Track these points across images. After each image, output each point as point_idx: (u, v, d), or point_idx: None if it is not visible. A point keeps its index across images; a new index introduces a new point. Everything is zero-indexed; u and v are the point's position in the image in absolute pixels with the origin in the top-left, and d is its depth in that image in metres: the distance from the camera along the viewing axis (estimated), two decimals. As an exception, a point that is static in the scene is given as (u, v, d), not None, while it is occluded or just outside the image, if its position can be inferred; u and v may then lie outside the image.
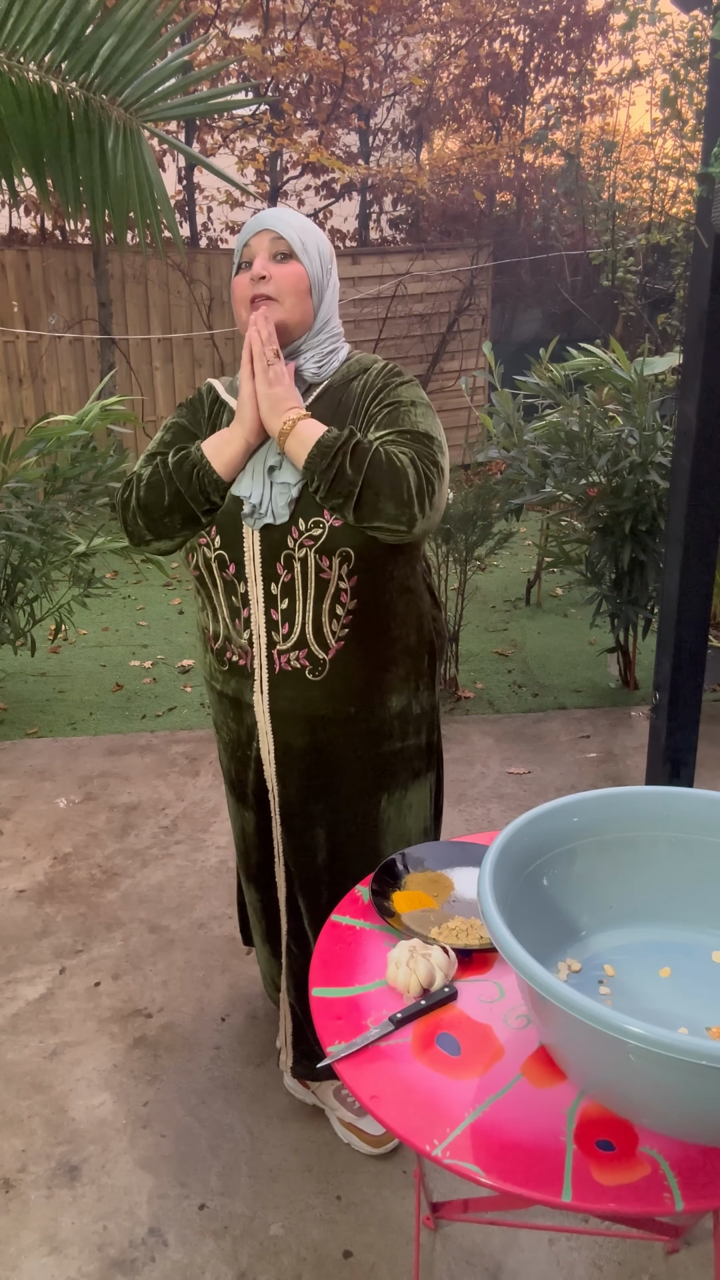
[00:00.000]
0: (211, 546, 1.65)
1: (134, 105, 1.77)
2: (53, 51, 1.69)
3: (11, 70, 1.67)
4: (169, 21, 1.68)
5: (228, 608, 1.68)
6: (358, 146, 8.11)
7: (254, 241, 1.62)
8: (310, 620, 1.62)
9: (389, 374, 1.67)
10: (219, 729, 1.84)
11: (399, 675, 1.71)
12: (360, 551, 1.58)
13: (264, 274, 1.60)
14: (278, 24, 7.35)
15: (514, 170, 8.12)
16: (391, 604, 1.67)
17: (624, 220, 7.16)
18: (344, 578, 1.59)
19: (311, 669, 1.64)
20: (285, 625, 1.62)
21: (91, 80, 1.73)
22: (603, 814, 1.27)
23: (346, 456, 1.50)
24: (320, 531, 1.56)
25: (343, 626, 1.63)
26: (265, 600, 1.62)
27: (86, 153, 1.79)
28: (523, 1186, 0.97)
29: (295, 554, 1.58)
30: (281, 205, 1.80)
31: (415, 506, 1.50)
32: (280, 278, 1.60)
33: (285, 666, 1.65)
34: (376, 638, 1.66)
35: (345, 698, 1.67)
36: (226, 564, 1.64)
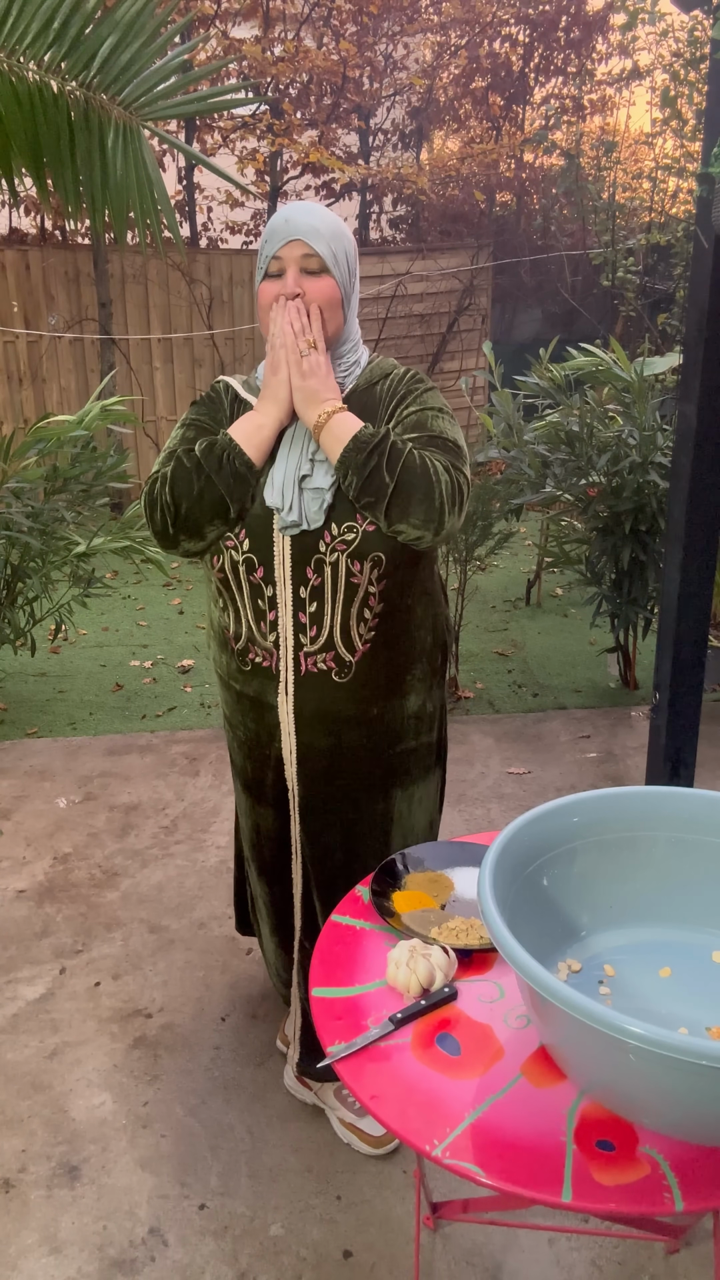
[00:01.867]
0: (240, 549, 1.63)
1: (134, 104, 1.77)
2: (52, 51, 1.69)
3: (11, 70, 1.67)
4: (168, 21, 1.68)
5: (253, 610, 1.66)
6: (358, 146, 8.11)
7: (284, 252, 1.57)
8: (339, 624, 1.62)
9: (413, 380, 1.68)
10: (234, 727, 1.83)
11: (417, 676, 1.74)
12: (391, 556, 1.59)
13: (298, 291, 1.57)
14: (278, 24, 7.35)
15: (514, 170, 8.13)
16: (413, 607, 1.69)
17: (624, 220, 7.16)
18: (373, 582, 1.60)
19: (338, 671, 1.64)
20: (313, 628, 1.62)
21: (91, 79, 1.73)
22: (603, 814, 1.27)
23: (383, 456, 1.50)
24: (354, 536, 1.57)
25: (369, 630, 1.64)
26: (294, 604, 1.61)
27: (86, 152, 1.79)
28: (523, 1186, 0.97)
29: (327, 559, 1.58)
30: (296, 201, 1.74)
31: (445, 513, 1.51)
32: (314, 294, 1.58)
33: (311, 669, 1.65)
34: (399, 640, 1.68)
35: (369, 699, 1.68)
36: (255, 567, 1.62)
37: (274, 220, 1.60)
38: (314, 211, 1.61)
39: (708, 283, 2.39)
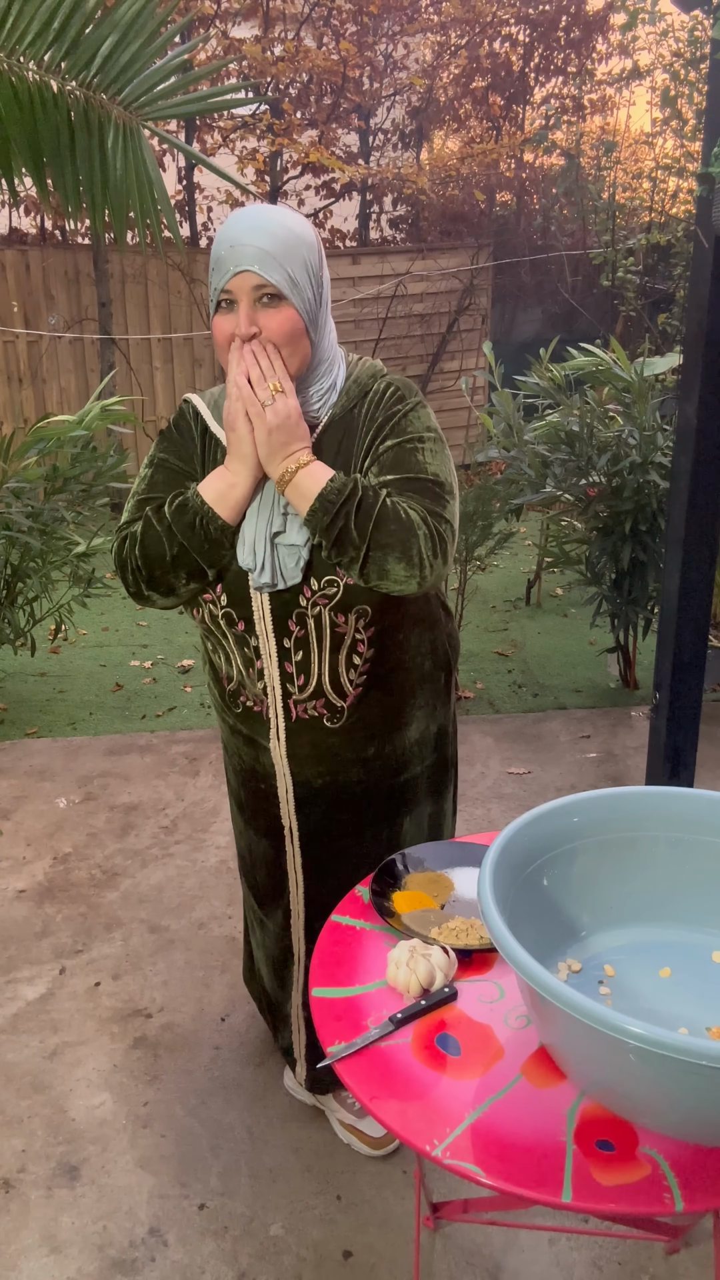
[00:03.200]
0: (218, 604, 1.55)
1: (134, 104, 1.77)
2: (52, 50, 1.69)
3: (11, 69, 1.67)
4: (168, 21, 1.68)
5: (241, 657, 1.59)
6: (358, 146, 8.11)
7: (234, 284, 1.40)
8: (327, 672, 1.55)
9: (392, 400, 1.50)
10: (230, 754, 1.77)
11: (418, 705, 1.67)
12: (377, 606, 1.50)
13: (253, 330, 1.41)
14: (278, 24, 7.35)
15: (514, 170, 8.13)
16: (407, 640, 1.61)
17: (624, 220, 7.16)
18: (360, 630, 1.52)
19: (329, 717, 1.58)
20: (300, 677, 1.55)
21: (91, 79, 1.73)
22: (603, 814, 1.27)
23: (351, 515, 1.38)
24: (335, 590, 1.47)
25: (360, 675, 1.57)
26: (279, 654, 1.54)
27: (86, 152, 1.79)
28: (523, 1187, 0.97)
29: (309, 612, 1.49)
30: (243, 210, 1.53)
31: (425, 566, 1.39)
32: (271, 329, 1.41)
33: (302, 715, 1.59)
34: (393, 677, 1.61)
35: (365, 740, 1.62)
36: (235, 620, 1.55)
37: (218, 245, 1.41)
38: (262, 228, 1.40)
39: (708, 283, 2.39)
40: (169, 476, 1.56)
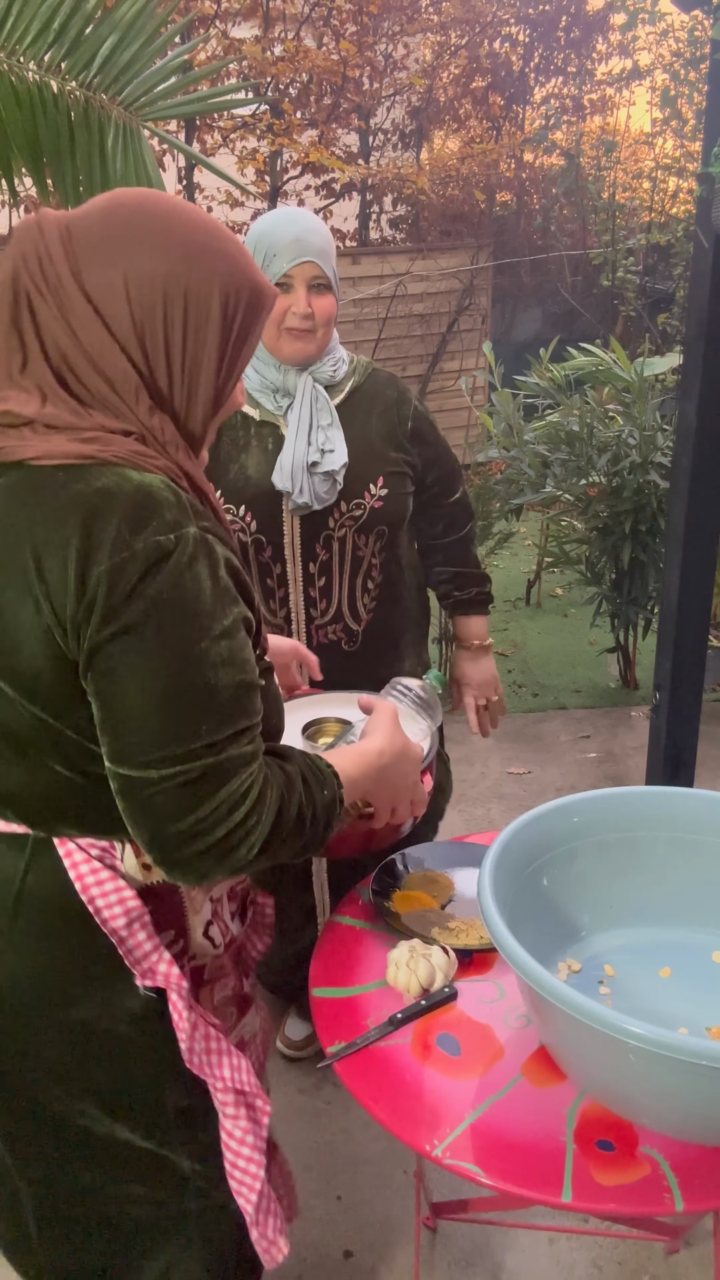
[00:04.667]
0: (248, 531, 1.69)
1: (134, 104, 1.77)
2: (52, 51, 1.69)
3: (11, 70, 1.67)
4: (168, 21, 1.68)
5: (261, 590, 1.74)
6: (358, 146, 8.12)
7: (295, 270, 1.62)
8: (346, 595, 1.75)
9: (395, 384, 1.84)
10: None
11: (409, 640, 1.89)
12: (392, 528, 1.75)
13: (310, 311, 1.64)
14: (278, 24, 7.35)
15: (514, 170, 8.13)
16: (403, 575, 1.84)
17: (624, 220, 7.16)
18: (375, 554, 1.75)
19: (347, 640, 1.78)
20: (323, 602, 1.75)
21: (91, 79, 1.73)
22: (603, 814, 1.27)
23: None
24: (361, 512, 1.71)
25: (372, 599, 1.78)
26: (304, 580, 1.72)
27: (86, 152, 1.79)
28: (523, 1187, 0.97)
29: (335, 534, 1.70)
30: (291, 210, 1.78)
31: None
32: (319, 311, 1.66)
33: (323, 640, 1.76)
34: (394, 607, 1.82)
35: (375, 663, 1.78)
36: (264, 546, 1.71)
37: (277, 235, 1.62)
38: (317, 229, 1.67)
39: (708, 283, 2.39)
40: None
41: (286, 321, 1.66)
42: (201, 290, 0.97)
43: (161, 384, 0.98)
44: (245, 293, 1.00)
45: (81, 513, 0.91)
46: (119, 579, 0.90)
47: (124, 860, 1.05)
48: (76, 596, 0.91)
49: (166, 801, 0.92)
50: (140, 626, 0.90)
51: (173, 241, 0.96)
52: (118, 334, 0.95)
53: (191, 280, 0.96)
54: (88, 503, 0.91)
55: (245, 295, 1.00)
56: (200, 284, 0.97)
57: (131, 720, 0.92)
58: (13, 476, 0.95)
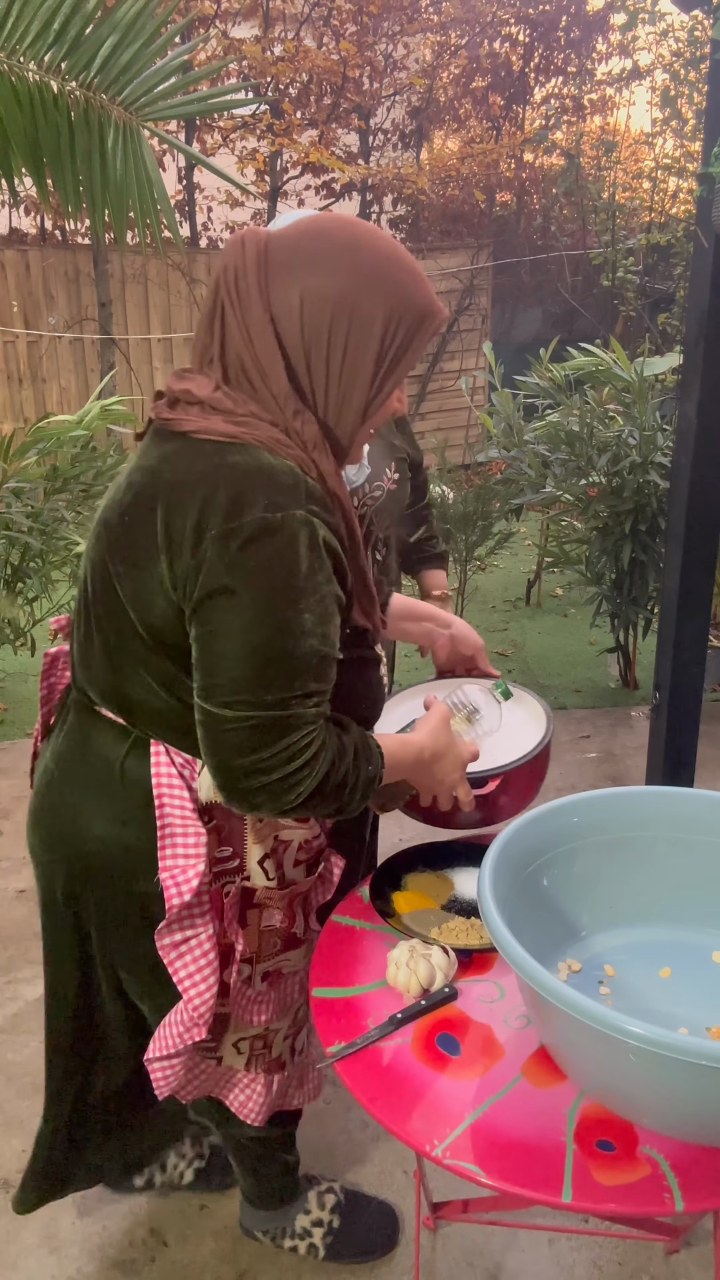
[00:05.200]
0: None
1: (134, 104, 1.77)
2: (53, 51, 1.69)
3: (12, 70, 1.67)
4: (168, 21, 1.68)
5: None
6: (358, 146, 8.11)
7: None
8: None
9: None
10: None
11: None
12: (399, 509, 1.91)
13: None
14: (278, 24, 7.35)
15: (514, 170, 8.13)
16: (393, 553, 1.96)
17: (624, 220, 7.16)
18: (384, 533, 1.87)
19: None
20: None
21: (91, 80, 1.73)
22: (603, 814, 1.27)
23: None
24: (380, 494, 1.82)
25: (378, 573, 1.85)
26: None
27: (86, 152, 1.79)
28: (523, 1187, 0.97)
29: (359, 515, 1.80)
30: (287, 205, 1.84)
31: None
32: None
33: None
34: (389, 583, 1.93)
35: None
36: None
37: None
38: None
39: (708, 283, 2.39)
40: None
41: None
42: (367, 311, 1.09)
43: (317, 391, 1.12)
44: (410, 316, 1.11)
45: (211, 482, 1.07)
46: (226, 545, 1.04)
47: (200, 776, 1.21)
48: (190, 554, 1.06)
49: (235, 739, 1.08)
50: (238, 590, 1.05)
51: (350, 264, 1.09)
52: (286, 346, 1.10)
53: (360, 301, 1.08)
54: (219, 474, 1.07)
55: (409, 319, 1.11)
56: (367, 305, 1.09)
57: (219, 666, 1.07)
58: (175, 444, 1.12)
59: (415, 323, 1.11)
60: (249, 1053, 1.39)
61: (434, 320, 1.13)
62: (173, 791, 1.20)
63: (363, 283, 1.08)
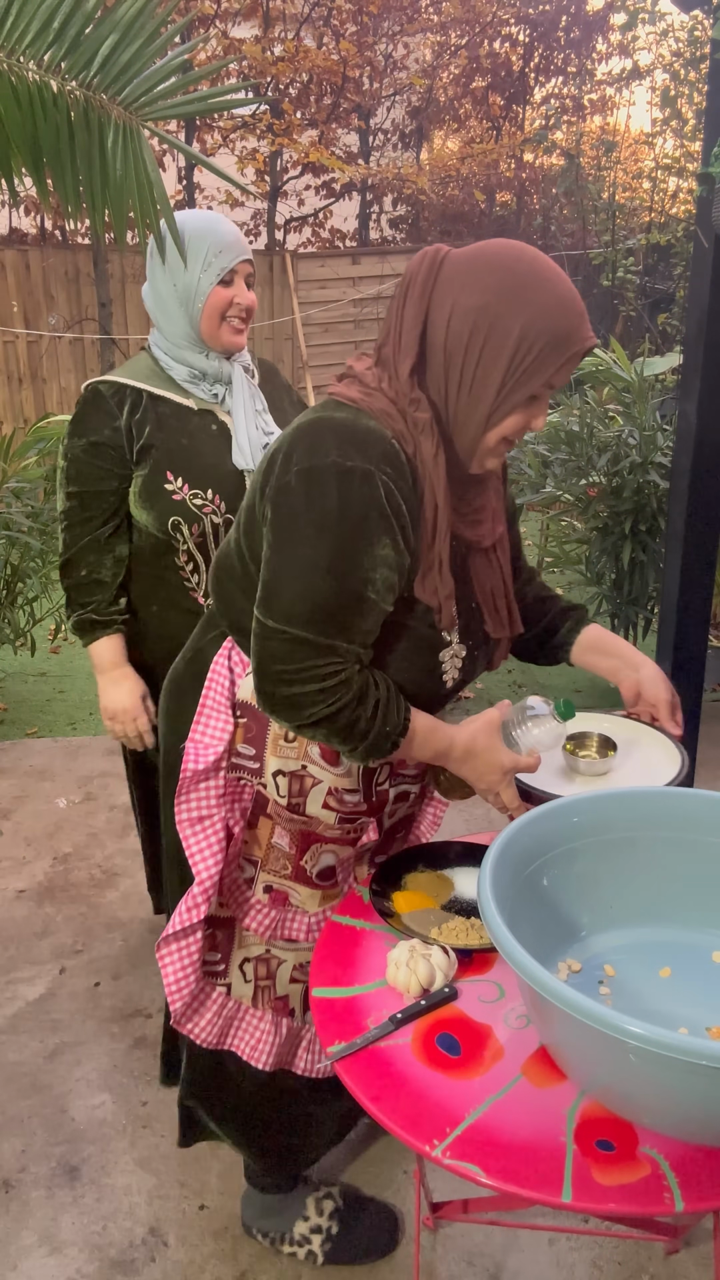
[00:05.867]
0: (219, 512, 1.87)
1: (134, 104, 1.76)
2: (52, 50, 1.69)
3: (11, 69, 1.67)
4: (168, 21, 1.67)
5: None
6: (358, 146, 8.12)
7: (239, 266, 1.83)
8: None
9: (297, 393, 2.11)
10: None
11: None
12: None
13: (251, 303, 1.87)
14: (278, 24, 7.35)
15: (514, 170, 8.13)
16: None
17: (624, 220, 7.16)
18: None
19: None
20: None
21: (91, 79, 1.73)
22: (603, 814, 1.27)
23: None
24: None
25: None
26: None
27: (86, 151, 1.79)
28: (523, 1186, 0.97)
29: None
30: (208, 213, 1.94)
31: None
32: (251, 304, 1.88)
33: None
34: None
35: None
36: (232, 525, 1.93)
37: (222, 229, 1.82)
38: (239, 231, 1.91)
39: (708, 283, 2.39)
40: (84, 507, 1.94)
41: (230, 312, 1.85)
42: (505, 325, 1.17)
43: (450, 395, 1.23)
44: (546, 335, 1.17)
45: (313, 426, 1.22)
46: (298, 482, 1.19)
47: (245, 678, 1.40)
48: (277, 480, 1.22)
49: (273, 646, 1.23)
50: (301, 521, 1.20)
51: (498, 283, 1.18)
52: (429, 350, 1.23)
53: (501, 315, 1.17)
54: (321, 422, 1.22)
55: (546, 336, 1.17)
56: (507, 320, 1.17)
57: (272, 582, 1.23)
58: (322, 402, 1.28)
59: (552, 342, 1.17)
60: (254, 981, 1.50)
61: (573, 344, 1.18)
62: (218, 678, 1.40)
63: (506, 300, 1.17)
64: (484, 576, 1.39)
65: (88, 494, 1.91)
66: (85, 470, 1.90)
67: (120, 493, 1.92)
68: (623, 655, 1.59)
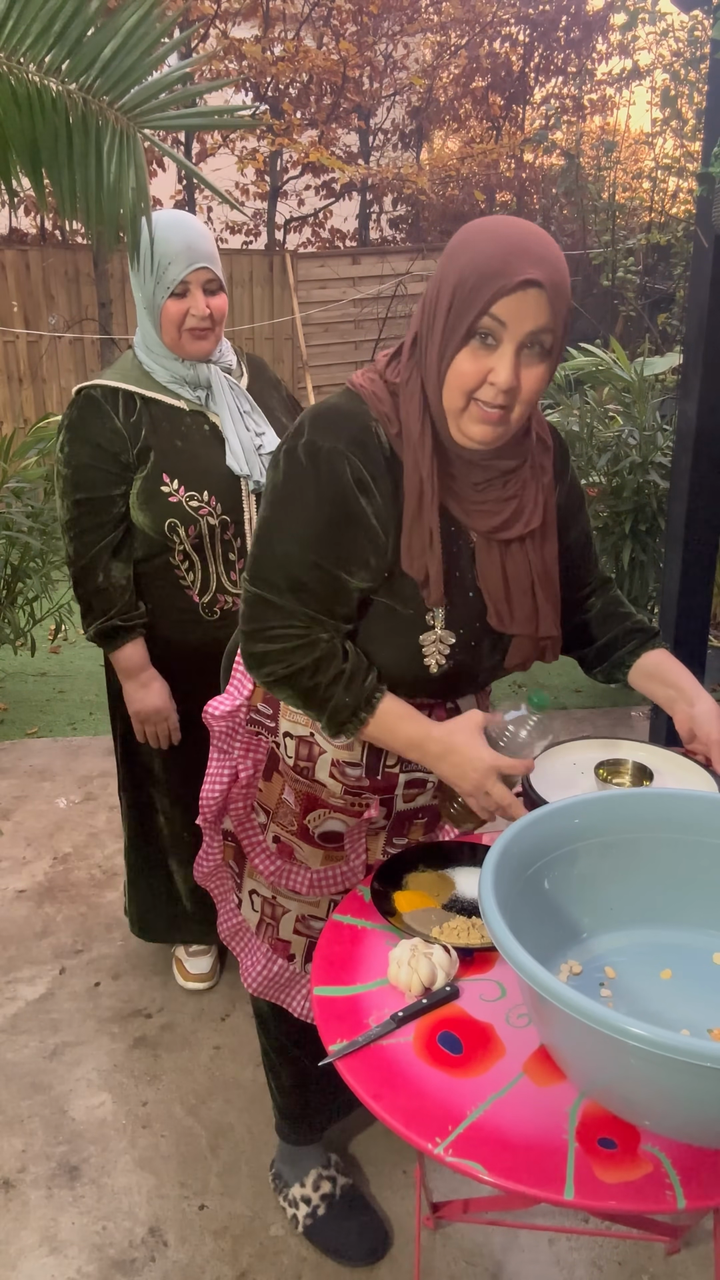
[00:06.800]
0: (215, 514, 1.91)
1: (133, 110, 1.76)
2: (53, 52, 1.69)
3: (11, 71, 1.67)
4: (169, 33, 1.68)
5: (224, 563, 1.96)
6: (358, 146, 8.12)
7: (191, 276, 1.82)
8: None
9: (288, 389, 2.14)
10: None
11: None
12: None
13: (209, 312, 1.85)
14: (278, 24, 7.35)
15: (514, 170, 8.14)
16: None
17: (624, 220, 7.17)
18: None
19: None
20: None
21: (91, 83, 1.72)
22: (604, 815, 1.27)
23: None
24: None
25: None
26: None
27: (83, 155, 1.79)
28: (525, 1184, 0.97)
29: None
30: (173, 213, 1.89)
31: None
32: (216, 310, 1.87)
33: None
34: None
35: None
36: (228, 526, 1.93)
37: (171, 239, 1.79)
38: (204, 234, 1.86)
39: (708, 283, 2.40)
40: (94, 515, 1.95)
41: (187, 323, 1.85)
42: (445, 278, 1.21)
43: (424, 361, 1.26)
44: (478, 272, 1.17)
45: (304, 412, 1.31)
46: (279, 458, 1.30)
47: None
48: (272, 459, 1.33)
49: (246, 604, 1.34)
50: (273, 494, 1.30)
51: (453, 243, 1.23)
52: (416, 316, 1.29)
53: (444, 272, 1.22)
54: (312, 408, 1.31)
55: (477, 274, 1.17)
56: (446, 274, 1.21)
57: (254, 546, 1.33)
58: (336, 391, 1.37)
59: (485, 275, 1.17)
60: (260, 915, 1.59)
61: (503, 276, 1.16)
62: None
63: (449, 257, 1.22)
64: (497, 568, 1.36)
65: (96, 500, 1.89)
66: (91, 476, 1.88)
67: (125, 496, 1.91)
68: (680, 687, 1.53)
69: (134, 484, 1.89)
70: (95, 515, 1.90)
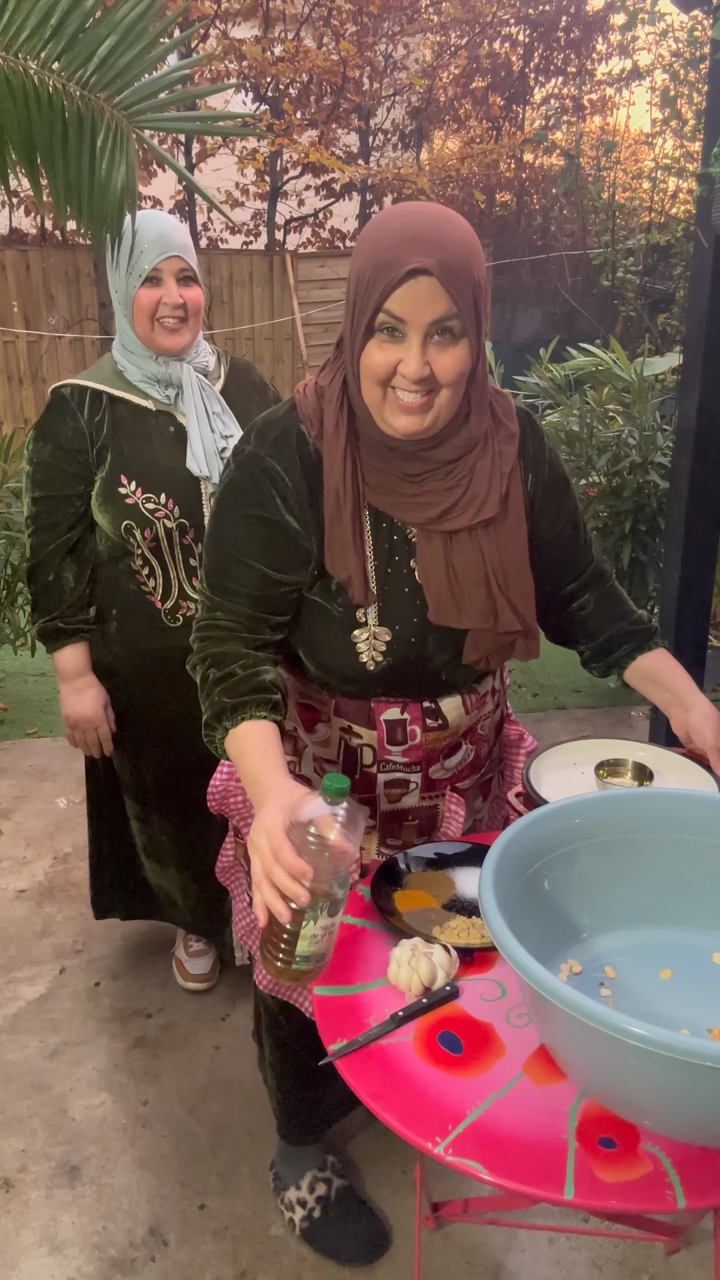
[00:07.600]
0: (172, 517, 1.87)
1: (129, 109, 1.76)
2: (49, 47, 1.68)
3: (7, 64, 1.67)
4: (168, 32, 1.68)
5: (184, 569, 1.92)
6: (358, 146, 8.12)
7: (163, 265, 1.80)
8: None
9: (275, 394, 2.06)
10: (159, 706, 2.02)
11: None
12: None
13: (181, 301, 1.82)
14: (278, 24, 7.35)
15: (514, 170, 8.14)
16: None
17: (624, 220, 7.16)
18: None
19: None
20: None
21: (88, 78, 1.72)
22: (604, 815, 1.27)
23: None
24: None
25: None
26: None
27: (78, 152, 1.78)
28: (525, 1183, 0.97)
29: None
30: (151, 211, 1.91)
31: None
32: (190, 302, 1.85)
33: None
34: None
35: None
36: (187, 530, 1.89)
37: (145, 228, 1.79)
38: (179, 227, 1.86)
39: (708, 283, 2.40)
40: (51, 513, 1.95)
41: (159, 313, 1.82)
42: (350, 273, 1.22)
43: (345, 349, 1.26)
44: (373, 263, 1.18)
45: None
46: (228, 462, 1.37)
47: None
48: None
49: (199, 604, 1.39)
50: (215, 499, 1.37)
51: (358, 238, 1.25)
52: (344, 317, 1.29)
53: (351, 267, 1.23)
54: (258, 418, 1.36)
55: (372, 266, 1.18)
56: (351, 268, 1.22)
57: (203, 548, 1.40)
58: None
59: (379, 267, 1.17)
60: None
61: (394, 268, 1.15)
62: None
63: (355, 249, 1.22)
64: (439, 560, 1.31)
65: (53, 498, 1.89)
66: (50, 475, 1.88)
67: (85, 496, 1.90)
68: (677, 690, 1.52)
69: (95, 484, 1.89)
70: (52, 514, 1.90)
